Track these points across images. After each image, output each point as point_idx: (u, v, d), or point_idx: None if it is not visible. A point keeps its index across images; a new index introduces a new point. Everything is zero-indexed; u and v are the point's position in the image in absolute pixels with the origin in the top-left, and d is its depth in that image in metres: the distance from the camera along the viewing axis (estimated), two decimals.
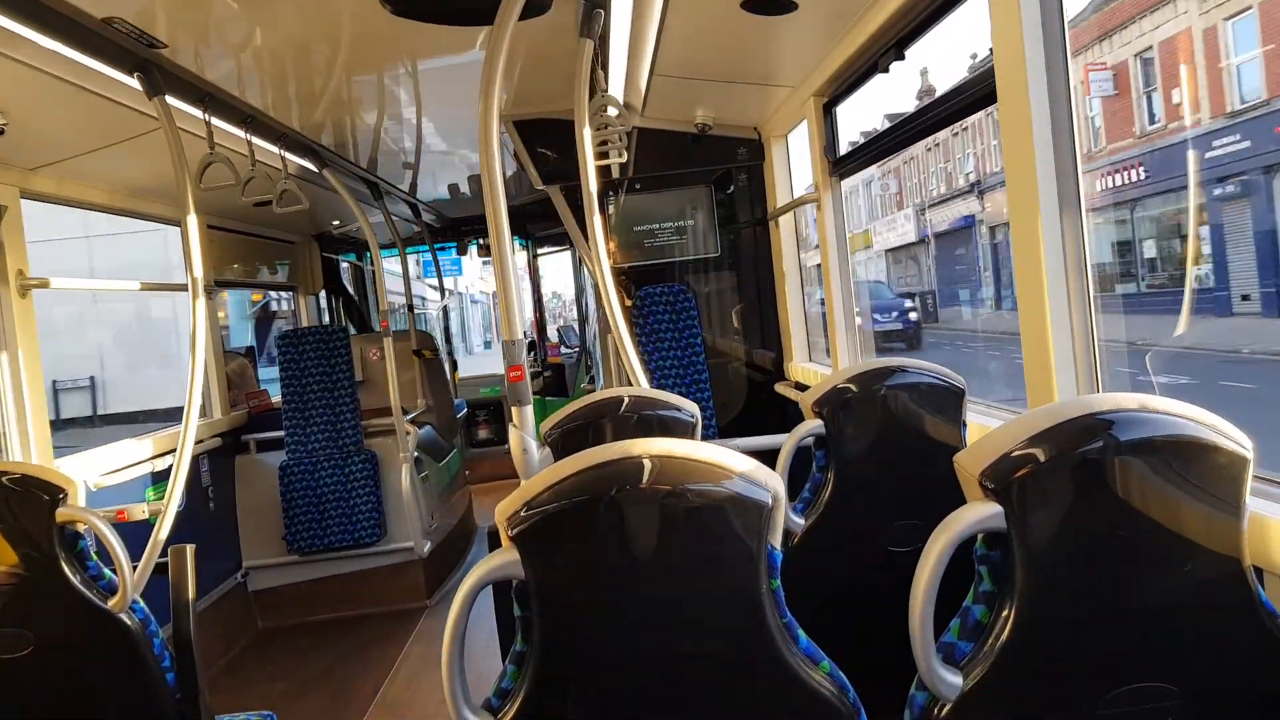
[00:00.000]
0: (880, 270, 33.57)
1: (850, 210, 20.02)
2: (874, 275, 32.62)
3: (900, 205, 31.83)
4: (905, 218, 31.05)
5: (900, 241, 32.11)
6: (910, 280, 30.93)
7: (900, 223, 31.61)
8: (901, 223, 31.42)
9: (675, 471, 1.35)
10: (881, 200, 33.91)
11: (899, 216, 32.15)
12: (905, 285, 30.47)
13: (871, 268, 33.58)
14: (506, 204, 2.30)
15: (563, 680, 1.36)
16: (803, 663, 1.38)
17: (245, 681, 4.85)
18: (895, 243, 32.72)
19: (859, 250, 32.02)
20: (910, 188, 31.15)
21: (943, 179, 29.25)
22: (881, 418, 2.34)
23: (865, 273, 32.73)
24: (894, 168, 31.64)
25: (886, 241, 33.09)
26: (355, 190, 5.60)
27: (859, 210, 33.54)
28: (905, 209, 31.20)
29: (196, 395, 3.28)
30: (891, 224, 32.94)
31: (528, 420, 2.34)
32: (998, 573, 1.36)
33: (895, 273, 32.89)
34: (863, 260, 32.78)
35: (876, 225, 33.65)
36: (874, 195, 33.92)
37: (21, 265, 3.67)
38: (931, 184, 29.83)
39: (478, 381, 9.70)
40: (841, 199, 4.26)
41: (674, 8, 3.17)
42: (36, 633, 2.34)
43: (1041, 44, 2.21)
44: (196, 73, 3.20)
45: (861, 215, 33.86)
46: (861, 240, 33.09)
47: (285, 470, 5.63)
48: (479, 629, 1.85)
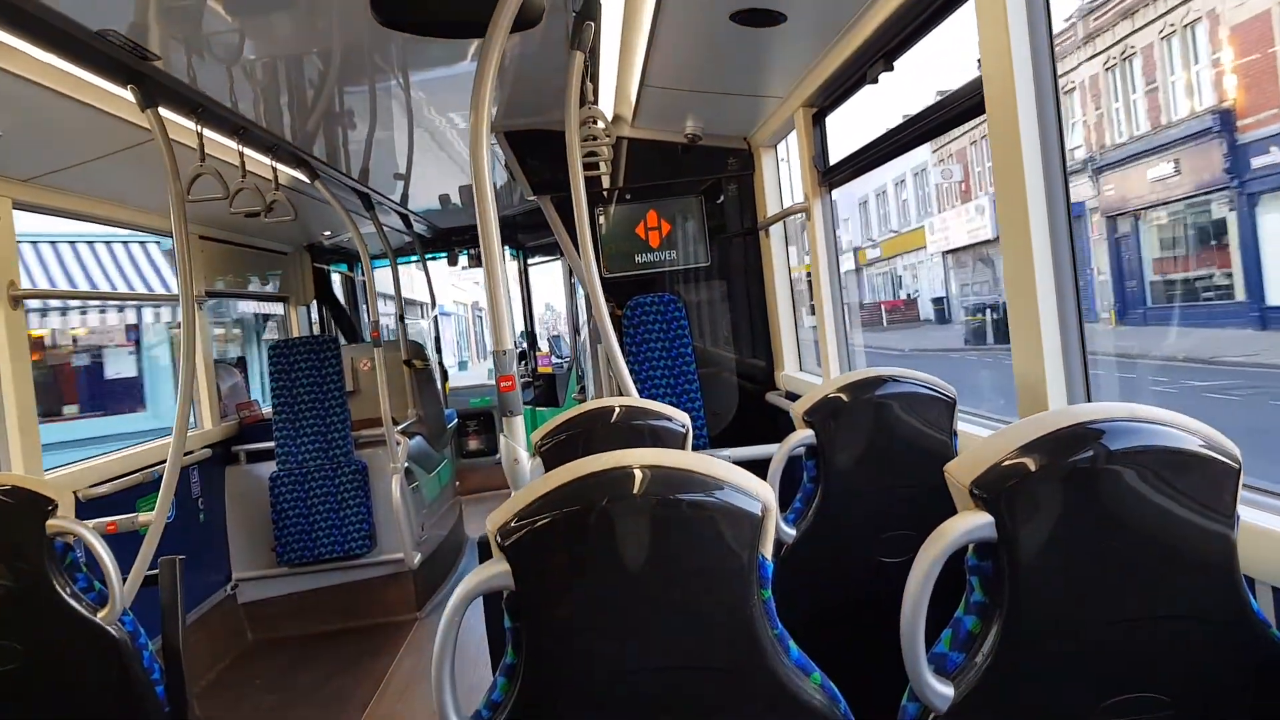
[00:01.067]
0: (936, 276, 28.02)
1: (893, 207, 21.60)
2: (928, 283, 28.14)
3: (967, 195, 25.64)
4: (978, 210, 24.79)
5: (969, 240, 25.52)
6: (981, 287, 24.89)
7: (968, 217, 25.33)
8: (971, 217, 25.15)
9: (666, 482, 1.35)
10: (943, 190, 26.90)
11: (967, 209, 25.19)
12: (975, 294, 24.66)
13: (925, 274, 28.63)
14: (497, 214, 2.31)
15: (553, 692, 1.36)
16: (794, 674, 1.38)
17: (235, 694, 4.82)
18: (961, 241, 26.03)
19: (905, 253, 29.27)
20: (982, 174, 24.47)
21: None
22: (872, 427, 2.35)
23: (913, 280, 29.47)
24: (958, 150, 24.91)
25: (948, 240, 26.63)
26: (346, 201, 5.60)
27: (904, 206, 29.38)
28: (975, 199, 25.00)
29: (186, 406, 3.28)
30: (955, 219, 25.93)
31: (519, 431, 2.34)
32: (989, 583, 1.37)
33: (958, 278, 26.73)
34: (911, 264, 29.37)
35: (933, 221, 27.34)
36: (930, 185, 27.46)
37: (13, 276, 3.66)
38: None
39: (468, 392, 9.69)
40: (830, 208, 4.27)
41: (663, 20, 3.19)
42: (26, 645, 2.32)
43: (1029, 55, 2.22)
44: (189, 84, 3.20)
45: (910, 211, 29.08)
46: (907, 241, 28.79)
47: (275, 481, 5.61)
48: (469, 640, 1.85)
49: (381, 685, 4.69)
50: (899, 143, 3.30)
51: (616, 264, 5.23)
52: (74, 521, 2.35)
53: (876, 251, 31.39)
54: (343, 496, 5.65)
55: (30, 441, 3.68)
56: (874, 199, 31.25)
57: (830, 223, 4.28)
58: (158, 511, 3.19)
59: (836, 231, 4.23)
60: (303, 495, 5.61)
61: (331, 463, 5.69)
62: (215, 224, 5.71)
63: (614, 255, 5.23)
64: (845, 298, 4.42)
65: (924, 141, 3.17)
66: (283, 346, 5.83)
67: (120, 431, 9.62)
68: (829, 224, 4.26)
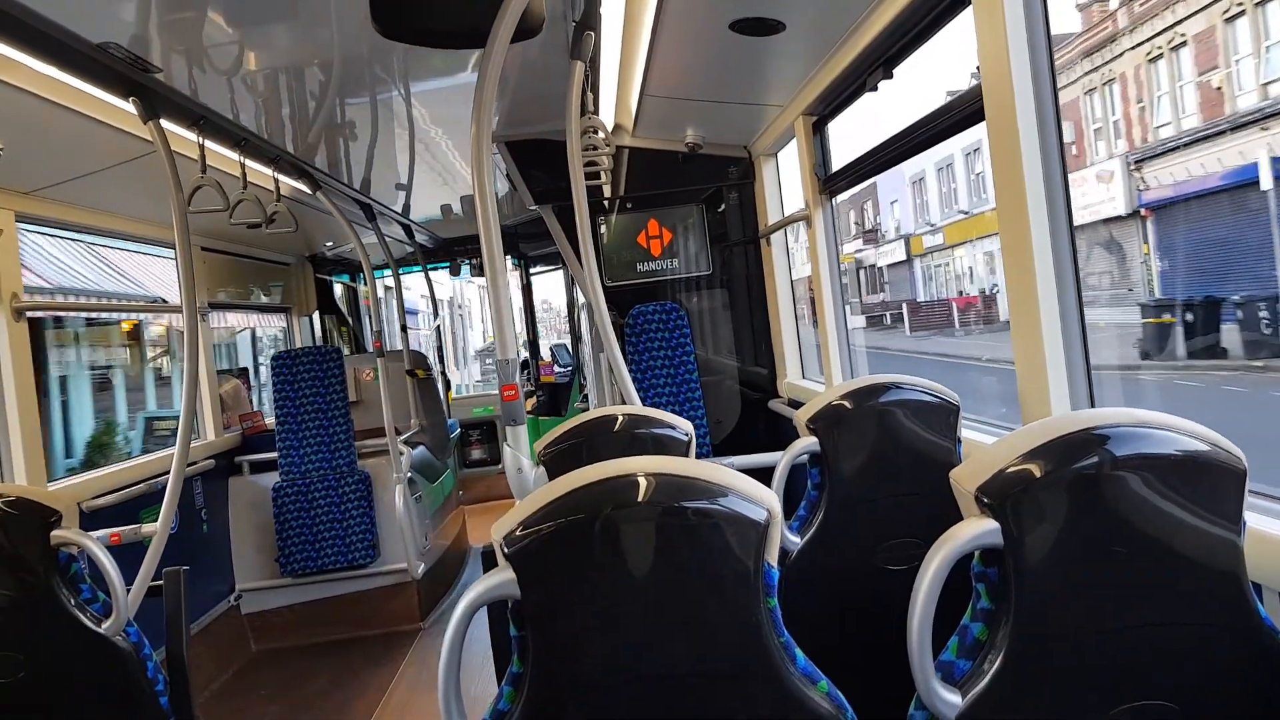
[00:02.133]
0: (940, 278, 24.78)
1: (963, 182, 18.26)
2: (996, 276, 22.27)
3: (1079, 161, 18.70)
4: (1100, 179, 17.64)
5: (1087, 218, 17.37)
6: (1101, 280, 17.21)
7: (1083, 189, 17.95)
8: (1089, 188, 17.94)
9: (670, 490, 1.35)
10: None
11: (1084, 177, 17.36)
12: (1092, 289, 16.90)
13: (983, 265, 23.45)
14: (499, 224, 2.31)
15: (559, 701, 1.36)
16: (801, 682, 1.37)
17: (239, 705, 4.82)
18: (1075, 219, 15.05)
19: (977, 239, 23.35)
20: (1104, 131, 17.57)
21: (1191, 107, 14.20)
22: (876, 434, 2.34)
23: (988, 273, 23.02)
24: (1067, 103, 16.72)
25: None
26: (348, 212, 5.62)
27: (979, 181, 22.97)
28: (1090, 164, 17.99)
29: (190, 416, 3.28)
30: None
31: (522, 440, 2.34)
32: (995, 590, 1.36)
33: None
34: (986, 253, 23.33)
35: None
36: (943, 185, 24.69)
37: (16, 289, 3.67)
38: (1164, 117, 14.69)
39: (471, 401, 9.69)
40: (832, 216, 4.28)
41: (663, 30, 3.20)
42: (30, 656, 2.32)
43: (1028, 62, 2.23)
44: (190, 96, 3.22)
45: (959, 193, 24.01)
46: (980, 224, 22.86)
47: (279, 492, 5.61)
48: (474, 650, 1.85)
49: (385, 696, 4.68)
50: (899, 150, 3.30)
51: (618, 273, 5.24)
52: (78, 532, 2.35)
53: (937, 238, 25.76)
54: (346, 507, 5.64)
55: (34, 452, 3.69)
56: (933, 175, 25.60)
57: (832, 230, 4.29)
58: (161, 522, 3.20)
59: (877, 218, 4.18)
60: (306, 505, 5.60)
61: (335, 473, 5.68)
62: (218, 235, 5.73)
63: (616, 264, 5.25)
64: (890, 295, 4.35)
65: (924, 149, 3.17)
66: (286, 357, 5.84)
67: None
68: (830, 231, 4.27)
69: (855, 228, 30.40)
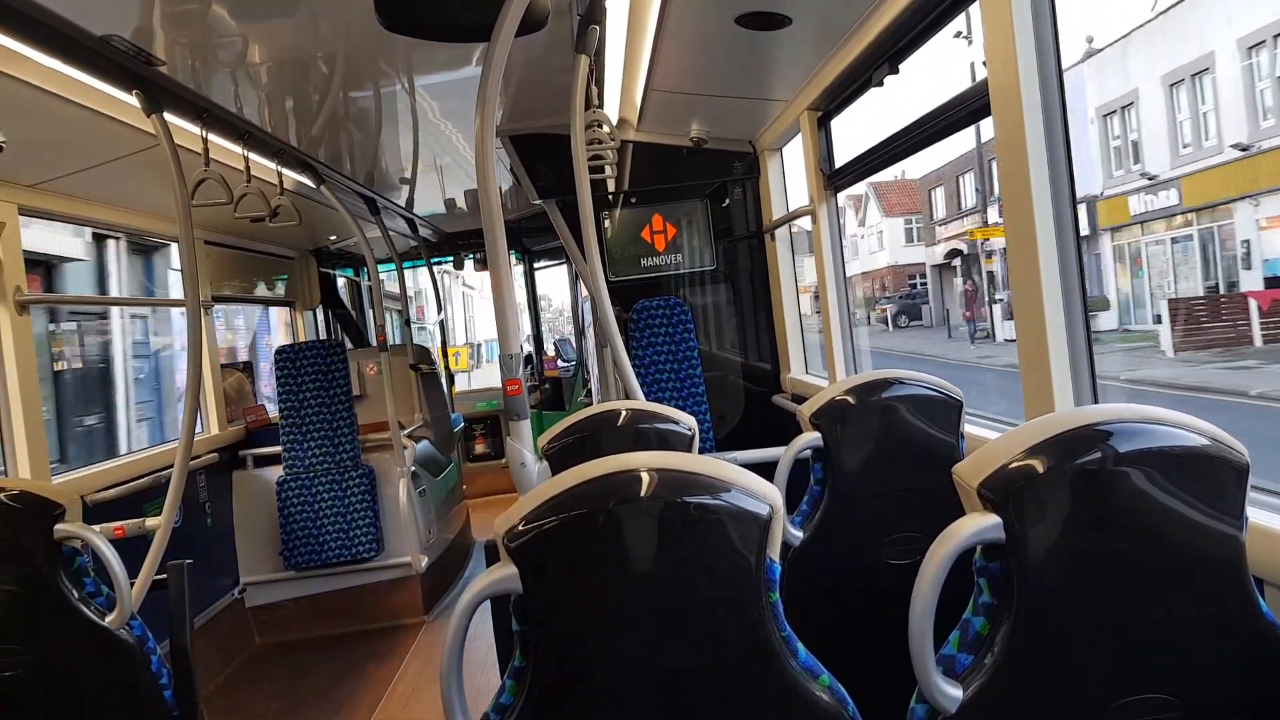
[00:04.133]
0: (1162, 264, 15.70)
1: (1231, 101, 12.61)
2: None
3: None
4: None
5: None
6: None
7: None
8: None
9: (673, 484, 1.35)
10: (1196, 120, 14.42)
11: None
12: None
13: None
14: (503, 218, 2.31)
15: (562, 695, 1.36)
16: (802, 676, 1.38)
17: (243, 698, 4.83)
18: None
19: (1237, 199, 14.07)
20: None
21: None
22: (879, 429, 2.34)
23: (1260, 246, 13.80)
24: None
25: None
26: (352, 205, 5.61)
27: (1260, 99, 13.50)
28: None
29: (193, 411, 3.29)
30: None
31: (525, 434, 2.34)
32: (997, 585, 1.36)
33: None
34: (1244, 218, 14.25)
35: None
36: (1180, 110, 14.90)
37: (20, 282, 3.67)
38: None
39: (475, 396, 9.70)
40: (836, 211, 4.27)
41: (668, 23, 3.19)
42: (33, 650, 2.33)
43: (1035, 56, 2.22)
44: (194, 89, 3.21)
45: (1218, 119, 14.37)
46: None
47: (282, 486, 5.62)
48: (477, 644, 1.85)
49: (389, 689, 4.69)
50: (904, 145, 3.29)
51: (622, 267, 5.23)
52: (82, 526, 2.35)
53: (1165, 197, 15.81)
54: (350, 501, 5.65)
55: (38, 446, 3.69)
56: (1161, 95, 15.39)
57: (836, 225, 4.28)
58: (165, 516, 3.20)
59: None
60: (310, 499, 5.61)
61: (338, 467, 5.69)
62: (221, 229, 5.73)
63: (620, 259, 5.24)
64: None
65: (930, 144, 3.17)
66: (289, 351, 5.84)
67: None
68: (834, 226, 4.27)
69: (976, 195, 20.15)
